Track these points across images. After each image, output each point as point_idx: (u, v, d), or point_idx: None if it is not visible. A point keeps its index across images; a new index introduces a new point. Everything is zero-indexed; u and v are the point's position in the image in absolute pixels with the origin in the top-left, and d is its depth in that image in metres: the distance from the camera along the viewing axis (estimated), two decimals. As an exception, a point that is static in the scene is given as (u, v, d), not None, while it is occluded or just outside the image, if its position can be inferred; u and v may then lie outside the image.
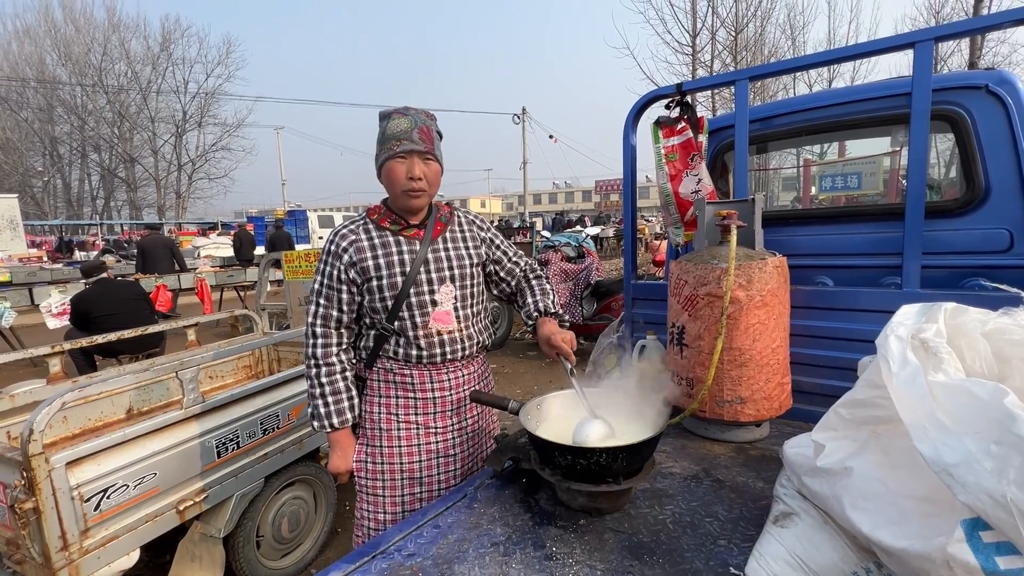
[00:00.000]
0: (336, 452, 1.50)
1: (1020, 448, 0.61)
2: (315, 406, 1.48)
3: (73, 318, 4.63)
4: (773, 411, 1.45)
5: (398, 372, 1.49)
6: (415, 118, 1.45)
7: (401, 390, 1.49)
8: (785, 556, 0.89)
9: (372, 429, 1.51)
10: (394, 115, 1.46)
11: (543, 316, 1.54)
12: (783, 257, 1.48)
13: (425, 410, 1.50)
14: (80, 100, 30.91)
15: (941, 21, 14.05)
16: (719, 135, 2.24)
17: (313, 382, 1.47)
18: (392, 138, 1.41)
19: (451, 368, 1.51)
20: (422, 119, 1.46)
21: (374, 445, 1.50)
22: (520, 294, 1.67)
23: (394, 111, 1.47)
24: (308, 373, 1.49)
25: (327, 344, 1.48)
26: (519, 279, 1.68)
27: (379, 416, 1.50)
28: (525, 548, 1.03)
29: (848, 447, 0.85)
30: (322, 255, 1.50)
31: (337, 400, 1.47)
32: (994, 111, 1.62)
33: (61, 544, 1.70)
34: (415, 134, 1.42)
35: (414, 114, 1.46)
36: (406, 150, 1.41)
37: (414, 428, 1.50)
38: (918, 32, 1.43)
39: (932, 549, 0.67)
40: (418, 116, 1.46)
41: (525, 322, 1.60)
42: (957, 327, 0.84)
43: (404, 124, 1.42)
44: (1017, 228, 1.61)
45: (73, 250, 19.90)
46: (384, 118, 1.48)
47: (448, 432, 1.53)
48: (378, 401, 1.51)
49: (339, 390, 1.48)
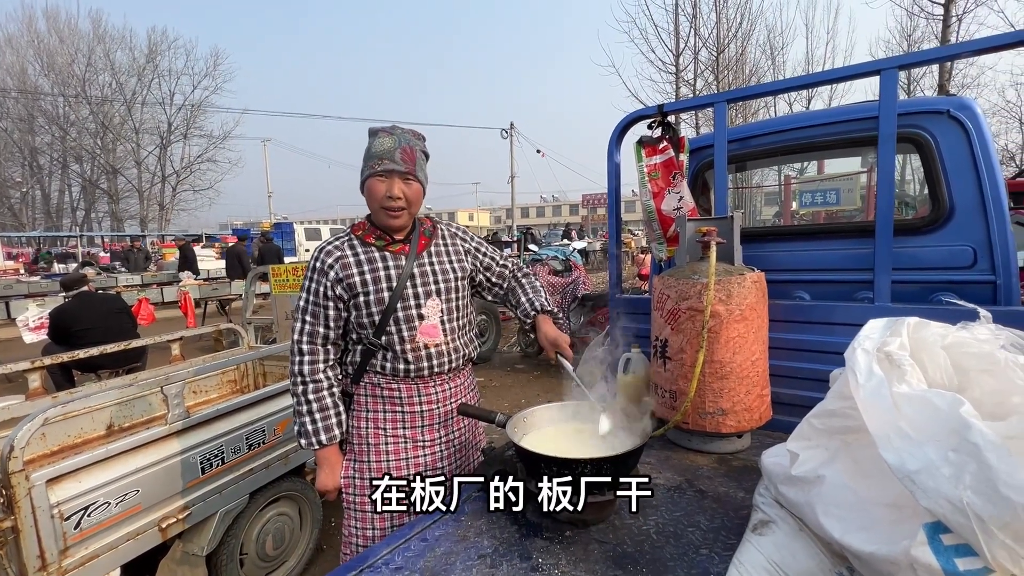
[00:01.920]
0: (324, 469, 1.50)
1: (975, 455, 0.65)
2: (302, 423, 1.47)
3: (52, 332, 4.54)
4: (754, 422, 1.49)
5: (386, 386, 1.50)
6: (400, 138, 1.47)
7: (389, 404, 1.51)
8: (764, 563, 0.91)
9: (360, 444, 1.51)
10: (381, 133, 1.48)
11: (540, 314, 1.60)
12: (761, 272, 1.53)
13: (413, 424, 1.51)
14: (62, 110, 30.52)
15: (913, 44, 14.61)
16: (700, 154, 2.32)
17: (300, 399, 1.47)
18: (375, 156, 1.44)
19: (438, 381, 1.53)
20: (407, 139, 1.48)
21: (362, 460, 1.51)
22: (511, 293, 1.71)
23: (381, 129, 1.49)
24: (294, 390, 1.48)
25: (314, 361, 1.48)
26: (509, 280, 1.72)
27: (367, 431, 1.51)
28: (512, 560, 1.04)
29: (820, 456, 0.89)
30: (307, 272, 1.51)
31: (325, 417, 1.47)
32: (955, 135, 1.71)
33: (40, 564, 1.66)
34: (397, 154, 1.44)
35: (400, 134, 1.48)
36: (387, 170, 1.43)
37: (402, 442, 1.51)
38: (883, 60, 1.51)
39: (897, 552, 0.70)
40: (403, 136, 1.48)
41: (522, 320, 1.65)
42: (919, 340, 0.89)
43: (388, 144, 1.45)
44: (980, 245, 1.69)
45: (52, 262, 19.49)
46: (372, 135, 1.50)
47: (436, 445, 1.54)
48: (366, 416, 1.52)
49: (327, 406, 1.48)
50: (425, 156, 1.53)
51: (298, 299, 1.51)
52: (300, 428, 1.48)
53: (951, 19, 11.55)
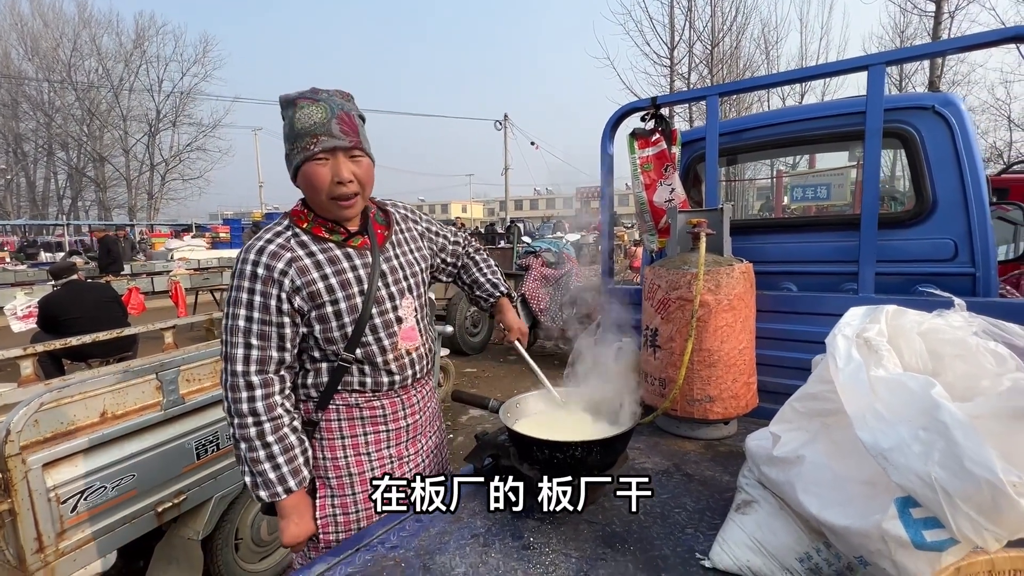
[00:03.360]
0: (293, 519, 1.21)
1: (943, 433, 0.69)
2: (261, 472, 1.16)
3: (41, 321, 4.51)
4: (740, 409, 1.53)
5: (366, 405, 1.28)
6: (330, 104, 1.16)
7: (370, 425, 1.29)
8: (746, 541, 0.96)
9: (339, 478, 1.28)
10: (300, 101, 1.16)
11: (503, 297, 1.57)
12: (749, 264, 1.56)
13: (398, 440, 1.34)
14: (47, 96, 29.94)
15: (906, 40, 14.70)
16: (692, 147, 2.35)
17: (254, 443, 1.16)
18: (305, 134, 1.14)
19: (418, 387, 1.38)
20: (338, 103, 1.18)
21: (345, 495, 1.28)
22: (464, 271, 1.57)
23: (299, 96, 1.17)
24: (243, 434, 1.16)
25: (269, 395, 1.18)
26: (462, 257, 1.58)
27: (347, 460, 1.28)
28: (504, 539, 1.08)
29: (801, 437, 0.93)
30: (241, 282, 1.17)
31: (291, 459, 1.19)
32: (940, 130, 1.75)
33: (37, 546, 1.68)
34: (334, 126, 1.15)
35: (326, 98, 1.17)
36: (327, 148, 1.14)
37: (388, 462, 1.32)
38: (870, 56, 1.55)
39: (870, 526, 0.74)
40: (332, 100, 1.17)
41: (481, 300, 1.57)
42: (897, 327, 0.93)
43: (317, 115, 1.14)
44: (961, 239, 1.74)
45: (38, 251, 19.23)
46: (287, 105, 1.17)
47: (419, 456, 1.40)
48: (342, 444, 1.28)
49: (291, 446, 1.19)
50: (362, 120, 1.26)
51: (229, 318, 1.17)
52: (258, 478, 1.16)
53: (943, 16, 11.63)
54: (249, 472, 1.17)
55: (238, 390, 1.16)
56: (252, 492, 1.19)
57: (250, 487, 1.19)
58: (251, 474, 1.17)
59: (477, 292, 1.57)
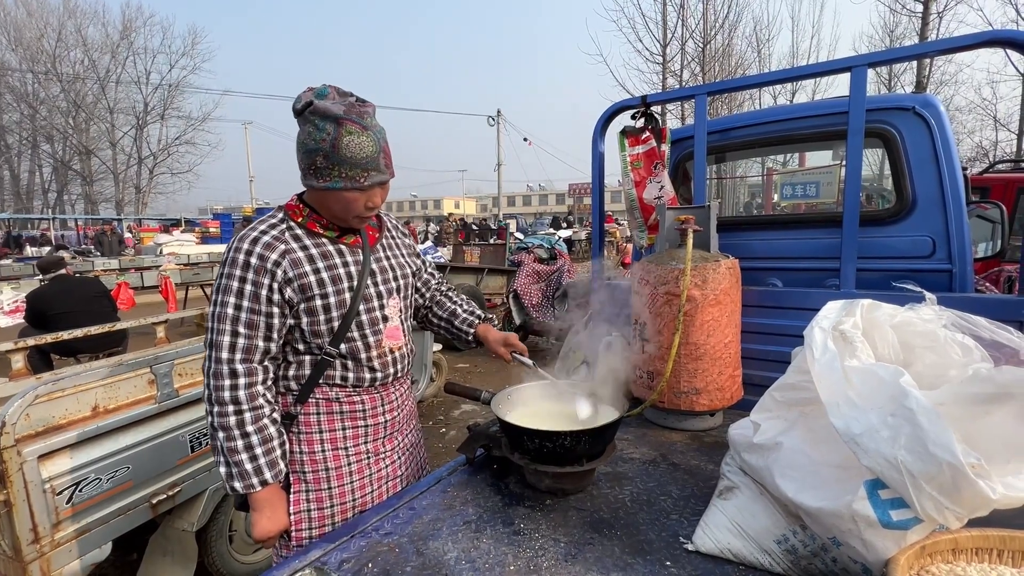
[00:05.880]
0: (266, 512, 1.21)
1: (909, 419, 0.73)
2: (237, 463, 1.16)
3: (29, 316, 4.47)
4: (726, 401, 1.58)
5: (346, 400, 1.31)
6: (376, 135, 1.19)
7: (349, 420, 1.32)
8: (727, 524, 1.00)
9: (316, 472, 1.29)
10: (348, 125, 1.14)
11: (482, 323, 1.57)
12: (735, 260, 1.61)
13: (376, 436, 1.36)
14: (31, 88, 29.42)
15: (895, 40, 14.86)
16: (681, 145, 2.38)
17: (233, 433, 1.16)
18: (356, 164, 1.16)
19: (396, 386, 1.40)
20: (380, 132, 1.20)
21: (320, 489, 1.29)
22: (439, 305, 1.60)
23: (346, 118, 1.14)
24: (222, 422, 1.16)
25: (252, 384, 1.19)
26: (433, 291, 1.61)
27: (324, 454, 1.30)
28: (495, 525, 1.11)
29: (779, 425, 0.98)
30: (232, 270, 1.18)
31: (268, 450, 1.20)
32: (920, 130, 1.81)
33: (32, 537, 1.69)
34: (381, 160, 1.20)
35: (371, 124, 1.19)
36: (375, 183, 1.19)
37: (364, 458, 1.34)
38: (853, 58, 1.59)
39: (841, 507, 0.79)
40: (376, 130, 1.19)
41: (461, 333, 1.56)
42: (871, 320, 0.98)
43: (369, 147, 1.16)
44: (938, 236, 1.80)
45: (23, 246, 18.95)
46: (327, 118, 1.14)
47: (395, 453, 1.42)
48: (320, 438, 1.30)
49: (270, 436, 1.20)
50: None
51: (218, 305, 1.18)
52: (234, 468, 1.17)
53: (931, 16, 11.77)
54: (224, 463, 1.18)
55: (221, 377, 1.17)
56: (226, 483, 1.19)
57: (224, 478, 1.19)
58: (226, 464, 1.18)
59: (457, 323, 1.57)
